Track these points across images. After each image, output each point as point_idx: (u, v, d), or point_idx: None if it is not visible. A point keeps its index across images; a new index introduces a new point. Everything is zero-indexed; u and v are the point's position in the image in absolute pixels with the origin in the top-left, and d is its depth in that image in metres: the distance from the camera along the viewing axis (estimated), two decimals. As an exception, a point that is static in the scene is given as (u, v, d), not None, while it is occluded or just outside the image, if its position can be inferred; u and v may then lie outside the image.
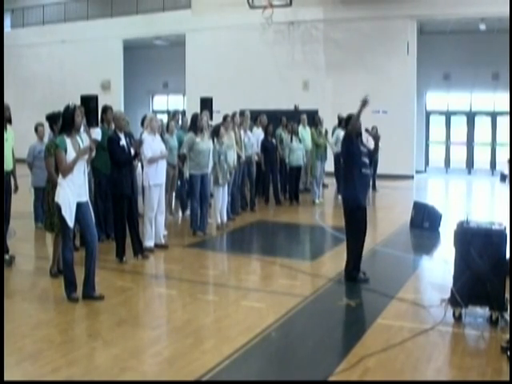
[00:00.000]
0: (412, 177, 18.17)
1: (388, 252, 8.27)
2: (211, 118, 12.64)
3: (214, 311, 5.85)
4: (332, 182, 14.75)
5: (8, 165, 7.19)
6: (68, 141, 5.71)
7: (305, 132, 13.06)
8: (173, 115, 10.67)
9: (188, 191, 9.87)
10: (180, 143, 9.48)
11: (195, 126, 9.00)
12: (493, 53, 17.62)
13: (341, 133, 12.58)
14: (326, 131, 13.18)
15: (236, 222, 10.31)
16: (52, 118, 6.86)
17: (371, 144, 15.38)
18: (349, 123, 6.72)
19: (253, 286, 6.68)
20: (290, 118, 13.41)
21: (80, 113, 5.92)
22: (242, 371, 4.39)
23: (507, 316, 5.10)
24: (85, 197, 5.83)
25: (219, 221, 9.56)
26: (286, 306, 5.73)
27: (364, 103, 6.32)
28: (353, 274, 6.61)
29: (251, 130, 11.93)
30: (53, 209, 6.17)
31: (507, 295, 5.15)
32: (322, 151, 12.81)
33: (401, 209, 12.13)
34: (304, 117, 13.43)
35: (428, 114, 20.29)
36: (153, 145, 7.88)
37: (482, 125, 19.77)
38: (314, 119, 13.20)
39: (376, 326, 5.24)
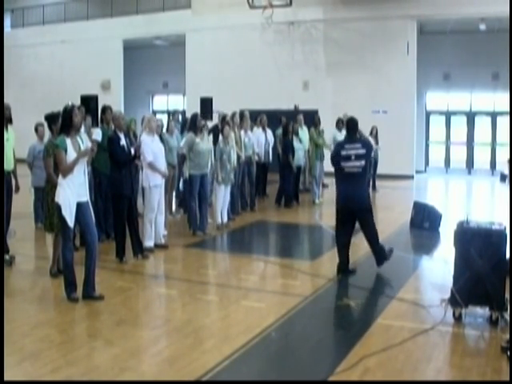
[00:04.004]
0: (412, 177, 18.16)
1: (388, 252, 8.25)
2: (211, 118, 12.67)
3: (214, 311, 5.85)
4: (332, 182, 14.69)
5: (9, 164, 7.19)
6: (68, 141, 5.70)
7: (302, 132, 13.05)
8: (172, 115, 10.69)
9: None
10: None
11: (195, 126, 9.00)
12: (493, 53, 17.60)
13: (337, 133, 12.57)
14: (323, 131, 13.15)
15: (236, 222, 10.31)
16: (51, 118, 6.84)
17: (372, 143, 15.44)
18: (350, 126, 6.98)
19: (253, 286, 6.67)
20: (290, 118, 13.40)
21: (79, 113, 5.91)
22: (242, 371, 4.39)
23: (507, 316, 5.10)
24: (85, 197, 5.82)
25: (219, 221, 9.56)
26: (286, 306, 5.73)
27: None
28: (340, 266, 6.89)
29: (251, 129, 11.95)
30: (52, 209, 6.18)
31: (507, 295, 5.15)
32: (322, 151, 12.80)
33: (401, 209, 12.11)
34: (300, 117, 13.41)
35: (428, 114, 20.28)
36: (152, 146, 7.87)
37: (482, 125, 19.76)
38: (313, 119, 13.19)
39: (376, 326, 5.24)
